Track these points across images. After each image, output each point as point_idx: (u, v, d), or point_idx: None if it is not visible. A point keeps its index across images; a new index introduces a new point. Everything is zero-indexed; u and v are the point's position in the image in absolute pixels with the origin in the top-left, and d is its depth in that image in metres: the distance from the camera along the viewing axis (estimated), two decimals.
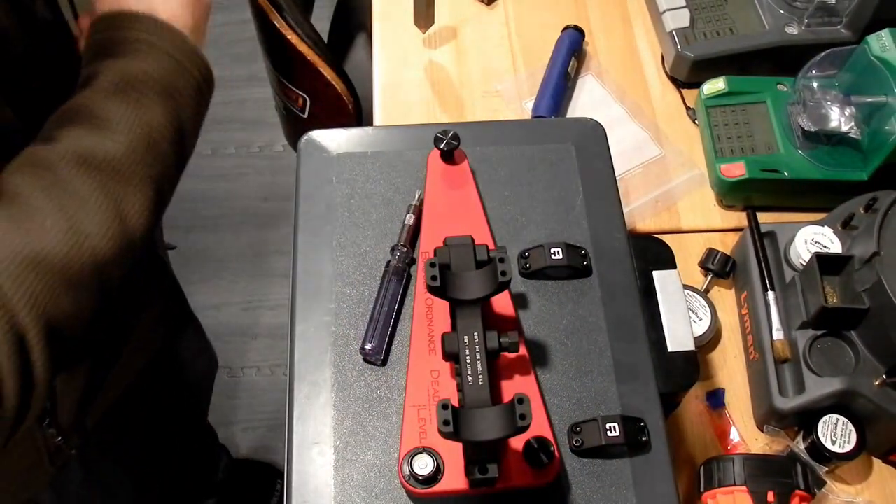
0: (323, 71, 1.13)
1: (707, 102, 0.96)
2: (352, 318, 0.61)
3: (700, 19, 1.02)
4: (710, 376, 0.84)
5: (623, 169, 0.96)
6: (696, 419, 0.81)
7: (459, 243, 0.56)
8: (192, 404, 1.34)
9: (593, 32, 1.08)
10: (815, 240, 0.81)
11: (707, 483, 0.73)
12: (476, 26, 1.08)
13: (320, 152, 0.68)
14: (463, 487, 0.53)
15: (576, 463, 0.56)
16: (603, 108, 1.02)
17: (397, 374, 0.59)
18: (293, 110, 1.28)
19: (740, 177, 0.89)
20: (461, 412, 0.48)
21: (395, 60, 1.05)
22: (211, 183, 1.99)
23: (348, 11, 1.41)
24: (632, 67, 1.06)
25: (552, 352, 0.60)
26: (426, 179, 0.65)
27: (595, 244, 0.64)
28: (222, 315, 1.80)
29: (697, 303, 0.84)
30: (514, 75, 1.04)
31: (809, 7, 0.98)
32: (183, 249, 1.88)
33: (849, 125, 0.86)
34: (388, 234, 0.64)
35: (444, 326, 0.58)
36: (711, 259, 0.87)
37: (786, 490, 0.70)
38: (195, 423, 1.38)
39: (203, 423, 1.41)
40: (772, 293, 0.81)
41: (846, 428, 0.74)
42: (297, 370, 0.58)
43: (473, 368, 0.52)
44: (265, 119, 2.07)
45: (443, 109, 1.01)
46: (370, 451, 0.56)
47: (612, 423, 0.56)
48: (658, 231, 0.92)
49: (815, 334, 0.77)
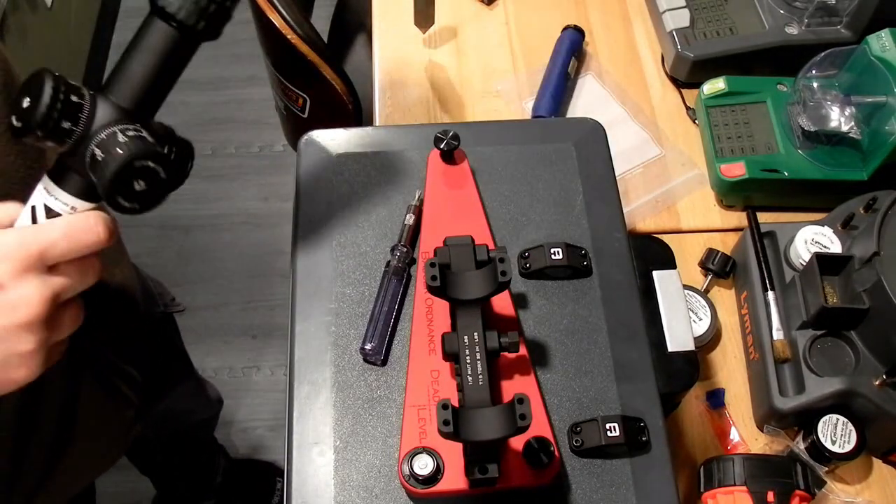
0: (323, 71, 1.13)
1: (707, 102, 0.96)
2: (352, 318, 0.61)
3: (700, 19, 1.02)
4: (710, 376, 0.84)
5: (623, 169, 0.96)
6: (696, 419, 0.81)
7: (459, 243, 0.56)
8: (193, 441, 1.35)
9: (593, 32, 1.08)
10: (815, 240, 0.81)
11: (707, 483, 0.73)
12: (476, 26, 1.08)
13: (320, 152, 0.68)
14: (463, 487, 0.53)
15: (576, 463, 0.56)
16: (603, 108, 1.02)
17: (397, 374, 0.59)
18: (293, 110, 1.28)
19: (740, 177, 0.89)
20: (461, 412, 0.48)
21: (395, 60, 1.05)
22: (211, 183, 1.99)
23: (348, 11, 1.41)
24: (632, 67, 1.06)
25: (552, 352, 0.60)
26: (426, 179, 0.65)
27: (595, 244, 0.64)
28: (222, 315, 1.80)
29: (697, 303, 0.84)
30: (514, 75, 1.04)
31: (809, 7, 0.98)
32: (183, 249, 1.88)
33: (849, 125, 0.86)
34: (388, 234, 0.64)
35: (444, 326, 0.58)
36: (711, 259, 0.87)
37: (786, 490, 0.70)
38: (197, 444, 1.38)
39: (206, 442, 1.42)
40: (772, 293, 0.81)
41: (846, 428, 0.74)
42: (297, 370, 0.58)
43: (473, 368, 0.52)
44: (265, 119, 2.07)
45: (443, 109, 1.01)
46: (370, 451, 0.56)
47: (612, 423, 0.56)
48: (658, 231, 0.92)
49: (815, 334, 0.77)
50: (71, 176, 0.49)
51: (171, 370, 1.09)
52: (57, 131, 0.47)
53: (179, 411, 1.18)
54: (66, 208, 0.50)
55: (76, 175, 0.49)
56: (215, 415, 1.33)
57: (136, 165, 0.46)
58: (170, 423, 1.17)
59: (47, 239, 0.48)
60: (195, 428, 1.31)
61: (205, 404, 1.27)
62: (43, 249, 0.48)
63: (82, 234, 0.49)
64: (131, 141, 0.47)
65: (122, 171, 0.46)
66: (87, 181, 0.49)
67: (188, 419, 1.24)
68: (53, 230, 0.48)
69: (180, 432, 1.26)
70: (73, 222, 0.49)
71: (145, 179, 0.47)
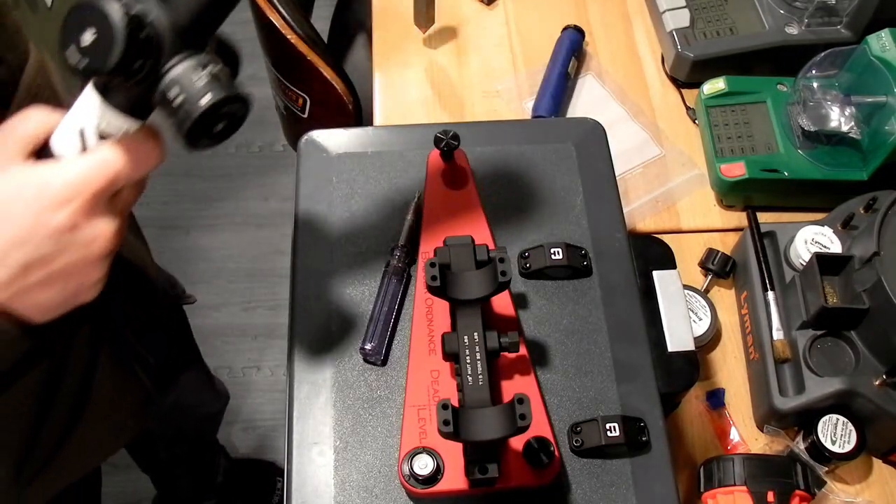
0: (323, 71, 1.13)
1: (707, 102, 0.96)
2: (352, 318, 0.61)
3: (700, 19, 1.02)
4: (710, 376, 0.84)
5: (623, 169, 0.96)
6: (696, 419, 0.81)
7: (459, 243, 0.56)
8: (198, 437, 1.35)
9: (593, 32, 1.08)
10: (815, 240, 0.81)
11: (707, 483, 0.73)
12: (476, 26, 1.08)
13: (320, 152, 0.68)
14: (463, 487, 0.53)
15: (576, 463, 0.56)
16: (603, 108, 1.02)
17: (397, 374, 0.59)
18: (293, 110, 1.28)
19: (740, 177, 0.89)
20: (461, 412, 0.48)
21: (395, 60, 1.05)
22: (211, 183, 1.99)
23: (348, 11, 1.40)
24: (632, 67, 1.06)
25: (552, 352, 0.60)
26: (426, 179, 0.65)
27: (595, 244, 0.64)
28: (222, 315, 1.80)
29: (697, 303, 0.84)
30: (514, 75, 1.04)
31: (809, 7, 0.98)
32: (183, 249, 1.88)
33: (849, 125, 0.86)
34: (388, 234, 0.64)
35: (444, 326, 0.58)
36: (711, 259, 0.87)
37: (786, 490, 0.70)
38: (201, 443, 1.38)
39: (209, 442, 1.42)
40: (772, 293, 0.81)
41: (846, 428, 0.74)
42: (297, 370, 0.58)
43: (473, 368, 0.52)
44: (265, 119, 2.06)
45: (443, 109, 1.01)
46: (370, 451, 0.56)
47: (612, 423, 0.56)
48: (658, 231, 0.92)
49: (815, 334, 0.77)
50: (121, 93, 0.46)
51: (182, 360, 1.09)
52: (130, 69, 0.42)
53: (187, 405, 1.17)
54: (120, 131, 0.47)
55: (126, 92, 0.45)
56: (221, 410, 1.33)
57: (220, 111, 0.44)
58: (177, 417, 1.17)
59: (113, 172, 0.46)
60: (201, 424, 1.31)
61: (212, 398, 1.27)
62: (109, 184, 0.47)
63: (143, 159, 0.48)
64: (212, 83, 0.43)
65: (205, 116, 0.43)
66: (139, 98, 0.45)
67: (195, 413, 1.24)
68: (115, 162, 0.46)
69: (185, 429, 1.26)
70: (133, 149, 0.47)
71: (226, 121, 0.45)
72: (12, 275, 0.47)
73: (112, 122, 0.46)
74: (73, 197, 0.46)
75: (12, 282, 0.47)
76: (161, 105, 0.44)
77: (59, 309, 0.50)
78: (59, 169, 0.46)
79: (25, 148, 0.48)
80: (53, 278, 0.48)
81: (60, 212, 0.46)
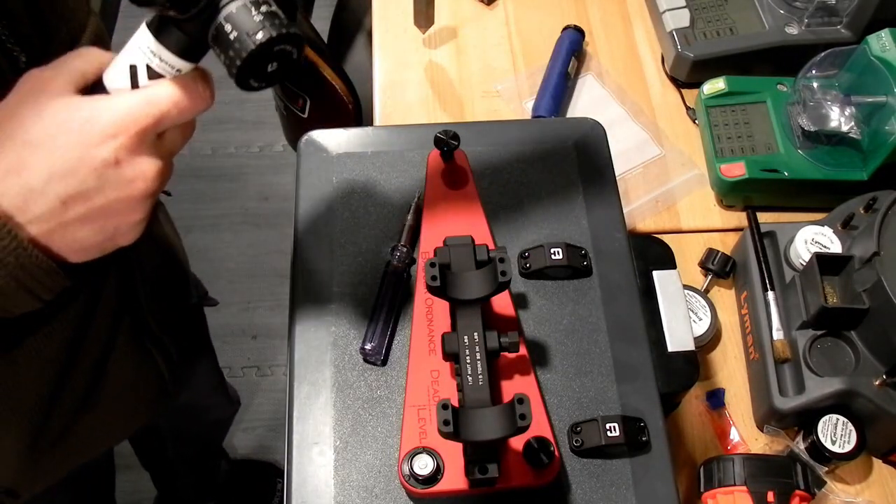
0: (323, 71, 1.13)
1: (707, 102, 0.96)
2: (352, 318, 0.61)
3: (700, 19, 1.02)
4: (710, 376, 0.84)
5: (623, 169, 0.96)
6: (696, 419, 0.81)
7: (459, 243, 0.56)
8: (207, 440, 1.35)
9: (593, 32, 1.08)
10: (815, 240, 0.81)
11: (707, 483, 0.73)
12: (476, 26, 1.08)
13: (320, 152, 0.68)
14: (463, 487, 0.53)
15: (576, 463, 0.56)
16: (603, 108, 1.02)
17: (397, 374, 0.59)
18: (293, 110, 1.28)
19: (740, 177, 0.89)
20: (461, 412, 0.48)
21: (395, 60, 1.05)
22: (211, 183, 1.99)
23: (348, 11, 1.40)
24: (632, 67, 1.06)
25: (552, 352, 0.60)
26: (426, 179, 0.65)
27: (595, 244, 0.64)
28: (222, 315, 1.80)
29: (697, 303, 0.84)
30: (514, 75, 1.04)
31: (809, 7, 0.98)
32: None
33: (849, 125, 0.86)
34: (388, 234, 0.64)
35: (444, 326, 0.58)
36: (711, 259, 0.87)
37: (786, 490, 0.70)
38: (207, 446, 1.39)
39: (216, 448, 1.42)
40: (772, 293, 0.81)
41: (846, 428, 0.74)
42: (297, 370, 0.58)
43: (473, 368, 0.52)
44: (265, 119, 2.07)
45: (443, 109, 1.01)
46: (370, 451, 0.56)
47: (612, 423, 0.56)
48: (658, 231, 0.92)
49: (815, 334, 0.77)
50: (174, 33, 0.45)
51: (199, 357, 1.09)
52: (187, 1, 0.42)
53: (200, 407, 1.18)
54: (172, 71, 0.46)
55: (180, 32, 0.45)
56: (231, 416, 1.33)
57: (273, 50, 0.43)
58: (188, 417, 1.17)
59: (160, 111, 0.46)
60: (210, 427, 1.31)
61: (224, 403, 1.27)
62: (156, 122, 0.46)
63: (192, 101, 0.47)
64: (267, 20, 0.42)
65: (257, 54, 0.42)
66: (193, 39, 0.45)
67: (206, 416, 1.24)
68: (164, 100, 0.46)
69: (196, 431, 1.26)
70: (183, 89, 0.46)
71: (279, 61, 0.44)
72: (53, 208, 0.45)
73: (164, 61, 0.46)
74: (119, 132, 0.45)
75: (52, 215, 0.46)
76: (214, 42, 0.44)
77: (96, 249, 0.49)
78: (107, 103, 0.46)
79: (77, 82, 0.47)
80: (93, 215, 0.47)
81: (105, 146, 0.45)
